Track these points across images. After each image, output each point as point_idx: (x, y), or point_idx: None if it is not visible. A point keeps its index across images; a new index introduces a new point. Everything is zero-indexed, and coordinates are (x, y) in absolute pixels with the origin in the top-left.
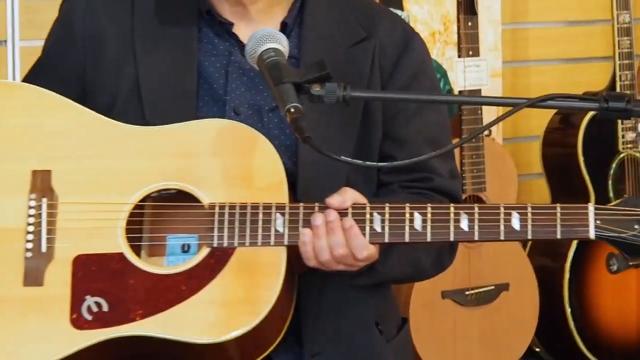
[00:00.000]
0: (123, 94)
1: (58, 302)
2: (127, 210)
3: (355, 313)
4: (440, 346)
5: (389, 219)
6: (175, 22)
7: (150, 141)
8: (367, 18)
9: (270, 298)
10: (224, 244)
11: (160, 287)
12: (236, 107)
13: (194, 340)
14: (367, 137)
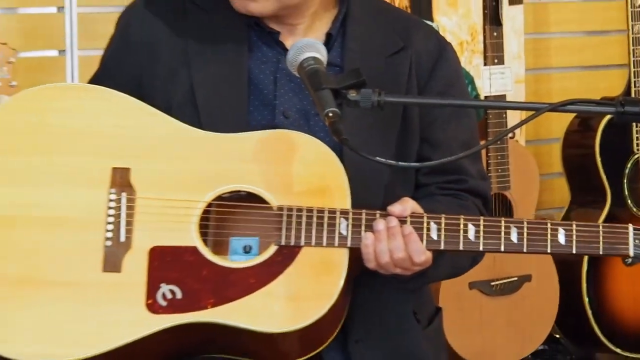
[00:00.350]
0: (178, 100)
1: (134, 288)
2: (200, 207)
3: (396, 303)
4: (467, 333)
5: (445, 228)
6: (226, 32)
7: (222, 146)
8: (404, 29)
9: (333, 295)
10: (291, 243)
11: (231, 279)
12: (285, 111)
13: (260, 329)
14: (405, 142)
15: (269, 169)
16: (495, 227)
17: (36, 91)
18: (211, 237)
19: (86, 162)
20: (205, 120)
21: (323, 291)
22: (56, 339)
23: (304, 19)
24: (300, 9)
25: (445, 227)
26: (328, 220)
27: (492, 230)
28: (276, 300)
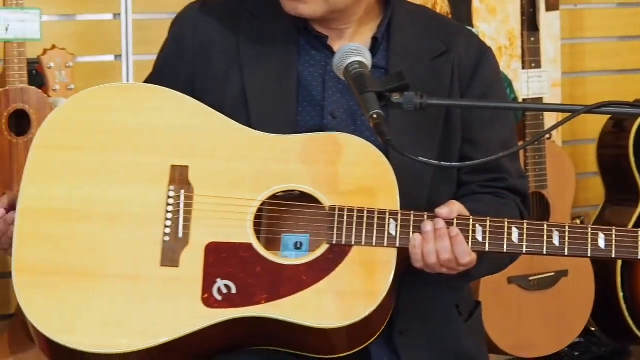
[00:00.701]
0: (229, 101)
1: (191, 282)
2: (255, 206)
3: (439, 298)
4: (506, 326)
5: (490, 230)
6: (276, 36)
7: (277, 147)
8: (447, 34)
9: (381, 293)
10: (342, 242)
11: (284, 275)
12: (333, 111)
13: (311, 324)
14: (448, 142)
15: (321, 169)
16: (538, 230)
17: (97, 90)
18: (264, 235)
19: (146, 160)
20: (255, 120)
21: (372, 289)
22: (116, 330)
23: (351, 24)
24: (346, 13)
25: (490, 229)
26: (378, 221)
27: (535, 234)
28: (327, 297)
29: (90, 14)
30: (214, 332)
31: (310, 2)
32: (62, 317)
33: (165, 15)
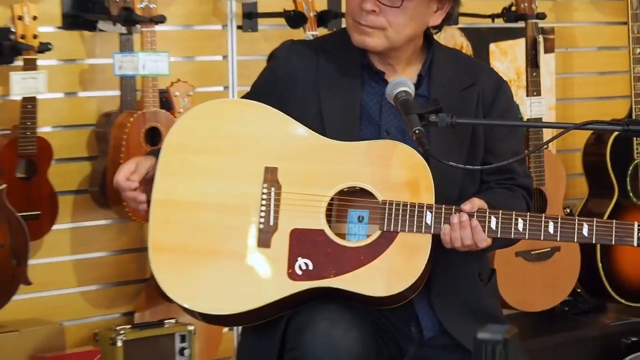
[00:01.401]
0: (310, 118)
1: (279, 261)
2: (326, 200)
3: (466, 267)
4: (514, 288)
5: (501, 221)
6: (346, 71)
7: (343, 152)
8: (473, 70)
9: (420, 269)
10: (391, 229)
11: (348, 255)
12: (387, 129)
13: (368, 293)
14: (473, 152)
15: (376, 170)
16: (537, 221)
17: (214, 103)
18: (334, 222)
19: (246, 162)
20: (329, 135)
21: (413, 266)
22: (223, 297)
23: (401, 62)
24: (399, 51)
25: (501, 220)
26: (417, 213)
27: (535, 224)
28: (379, 272)
29: (205, 56)
30: (294, 299)
31: (374, 37)
32: (184, 285)
33: (260, 57)
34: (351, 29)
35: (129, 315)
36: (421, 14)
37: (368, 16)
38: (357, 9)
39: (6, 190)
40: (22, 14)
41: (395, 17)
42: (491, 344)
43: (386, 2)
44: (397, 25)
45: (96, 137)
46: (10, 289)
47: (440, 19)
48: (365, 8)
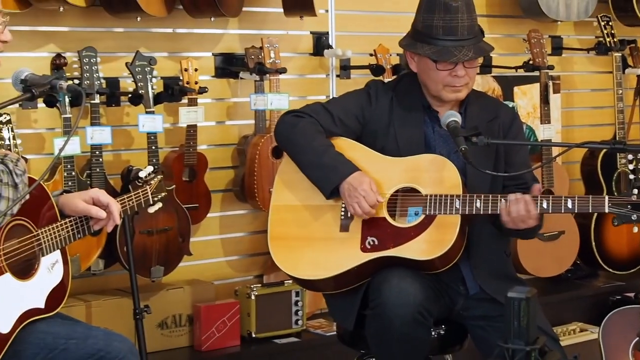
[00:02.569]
0: (390, 146)
1: (355, 240)
2: (387, 196)
3: (496, 246)
4: (532, 259)
5: (552, 202)
6: (412, 110)
7: (398, 164)
8: (496, 108)
9: (452, 239)
10: (431, 213)
11: (401, 233)
12: (440, 151)
13: (416, 258)
14: (497, 163)
15: (422, 174)
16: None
17: None
18: (395, 212)
19: None
20: (403, 155)
21: (447, 238)
22: (316, 267)
23: (448, 104)
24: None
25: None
26: (449, 200)
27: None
28: (423, 243)
29: (313, 96)
30: (366, 266)
31: (463, 91)
32: (291, 261)
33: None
34: (442, 90)
35: (259, 277)
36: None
37: (461, 79)
38: (449, 77)
39: (175, 189)
40: (187, 67)
41: (473, 73)
42: (518, 300)
43: (469, 66)
44: (473, 79)
45: (237, 153)
46: (177, 258)
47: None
48: (459, 75)
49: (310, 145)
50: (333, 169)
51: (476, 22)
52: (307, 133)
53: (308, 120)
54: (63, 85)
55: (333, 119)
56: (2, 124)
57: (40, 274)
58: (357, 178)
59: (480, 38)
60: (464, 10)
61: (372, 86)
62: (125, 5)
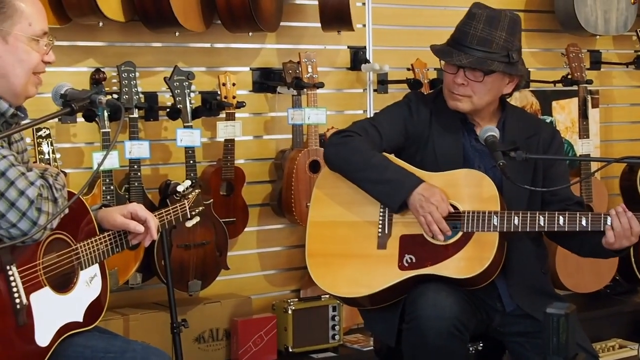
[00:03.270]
0: (429, 159)
1: (392, 257)
2: None
3: (533, 263)
4: (572, 275)
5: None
6: (450, 123)
7: (436, 179)
8: (534, 124)
9: (490, 257)
10: (469, 230)
11: (439, 250)
12: (478, 165)
13: (454, 276)
14: (535, 179)
15: (460, 190)
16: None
17: None
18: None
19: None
20: (440, 168)
21: (485, 256)
22: (354, 285)
23: (484, 119)
24: (482, 112)
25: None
26: (487, 217)
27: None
28: (462, 261)
29: (351, 110)
30: (403, 284)
31: (463, 102)
32: (328, 278)
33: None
34: (446, 96)
35: (296, 292)
36: (497, 86)
37: (459, 87)
38: (451, 82)
39: (213, 203)
40: (225, 81)
41: (478, 88)
42: (557, 316)
43: (472, 78)
44: (479, 94)
45: (275, 167)
46: (214, 272)
47: (511, 89)
48: (457, 82)
49: (369, 163)
50: (399, 183)
51: (497, 39)
52: (362, 151)
53: (359, 138)
54: (102, 99)
55: (380, 136)
56: (42, 138)
57: (78, 287)
58: (427, 189)
59: (494, 56)
60: (483, 21)
61: (412, 98)
62: (164, 20)
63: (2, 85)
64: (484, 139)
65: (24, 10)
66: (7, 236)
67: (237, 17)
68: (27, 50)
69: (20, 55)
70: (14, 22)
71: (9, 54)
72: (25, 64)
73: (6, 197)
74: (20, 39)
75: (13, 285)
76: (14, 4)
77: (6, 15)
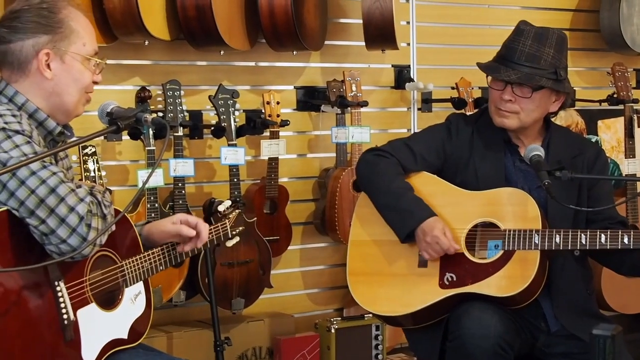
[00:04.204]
0: (470, 179)
1: (433, 276)
2: (465, 232)
3: (579, 283)
4: (618, 296)
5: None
6: (492, 144)
7: (477, 198)
8: (579, 144)
9: (531, 275)
10: (510, 248)
11: (480, 269)
12: (521, 185)
13: (495, 294)
14: (580, 199)
15: (501, 208)
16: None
17: None
18: (476, 244)
19: None
20: (482, 189)
21: (526, 274)
22: (395, 303)
23: (529, 138)
24: (528, 130)
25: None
26: (529, 236)
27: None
28: (503, 279)
29: (395, 129)
30: (444, 302)
31: (510, 119)
32: (370, 297)
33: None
34: (493, 113)
35: (340, 311)
36: (544, 103)
37: (507, 104)
38: (498, 99)
39: (256, 221)
40: (269, 100)
41: (526, 104)
42: (603, 338)
43: (519, 94)
44: (527, 111)
45: (318, 185)
46: (258, 290)
47: (557, 107)
48: (504, 98)
49: (388, 188)
50: (409, 213)
51: (545, 56)
52: (387, 174)
53: (389, 161)
54: (148, 118)
55: (414, 155)
56: (88, 155)
57: (124, 304)
58: (430, 223)
59: (542, 72)
60: (532, 37)
61: (453, 120)
62: (209, 38)
63: (55, 103)
64: (529, 158)
65: (79, 30)
66: (56, 252)
67: (281, 35)
68: (81, 70)
69: (75, 74)
70: (70, 42)
71: (65, 73)
72: (79, 83)
73: (56, 213)
74: (76, 59)
75: (61, 300)
76: (70, 24)
77: (63, 35)
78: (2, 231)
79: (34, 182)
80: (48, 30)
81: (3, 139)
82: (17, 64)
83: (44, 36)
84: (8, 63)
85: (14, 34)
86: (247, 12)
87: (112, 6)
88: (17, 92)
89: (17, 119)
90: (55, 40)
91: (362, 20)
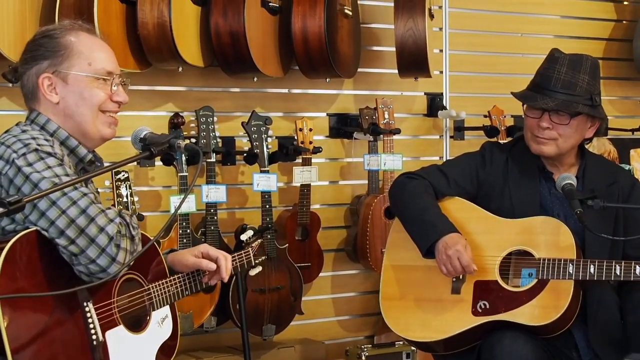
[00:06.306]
0: (505, 207)
1: (466, 303)
2: (499, 260)
3: (614, 315)
4: None
5: None
6: (527, 172)
7: (512, 226)
8: (614, 172)
9: (565, 305)
10: (544, 277)
11: (513, 297)
12: (557, 213)
13: (527, 323)
14: (617, 229)
15: (535, 237)
16: None
17: None
18: (508, 274)
19: None
20: (517, 216)
21: (560, 304)
22: (427, 329)
23: (564, 165)
24: (564, 157)
25: None
26: (563, 265)
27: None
28: (536, 308)
29: (427, 157)
30: (476, 330)
31: (548, 146)
32: (402, 322)
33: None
34: (530, 140)
35: (370, 338)
36: (581, 129)
37: (544, 131)
38: (535, 126)
39: (288, 248)
40: (302, 127)
41: (564, 130)
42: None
43: (557, 121)
44: (565, 137)
45: (350, 212)
46: (289, 317)
47: (592, 133)
48: (542, 125)
49: (414, 202)
50: (432, 226)
51: (581, 82)
52: (415, 192)
53: (419, 182)
54: (181, 144)
55: (448, 180)
56: (121, 181)
57: (151, 327)
58: (453, 238)
59: (578, 99)
60: (566, 64)
61: (487, 148)
62: (243, 65)
63: (72, 127)
64: (561, 187)
65: (82, 51)
66: (85, 272)
67: (315, 62)
68: (89, 89)
69: (83, 94)
70: (71, 63)
71: (70, 94)
72: (88, 102)
73: (86, 233)
74: (80, 79)
75: (90, 321)
76: (72, 47)
77: (63, 58)
78: (32, 252)
79: (65, 203)
80: (47, 55)
81: (36, 160)
82: (29, 94)
83: (45, 62)
84: (25, 95)
85: (22, 66)
86: (281, 39)
87: (147, 33)
88: (48, 119)
89: (50, 143)
90: (55, 64)
91: (395, 48)
